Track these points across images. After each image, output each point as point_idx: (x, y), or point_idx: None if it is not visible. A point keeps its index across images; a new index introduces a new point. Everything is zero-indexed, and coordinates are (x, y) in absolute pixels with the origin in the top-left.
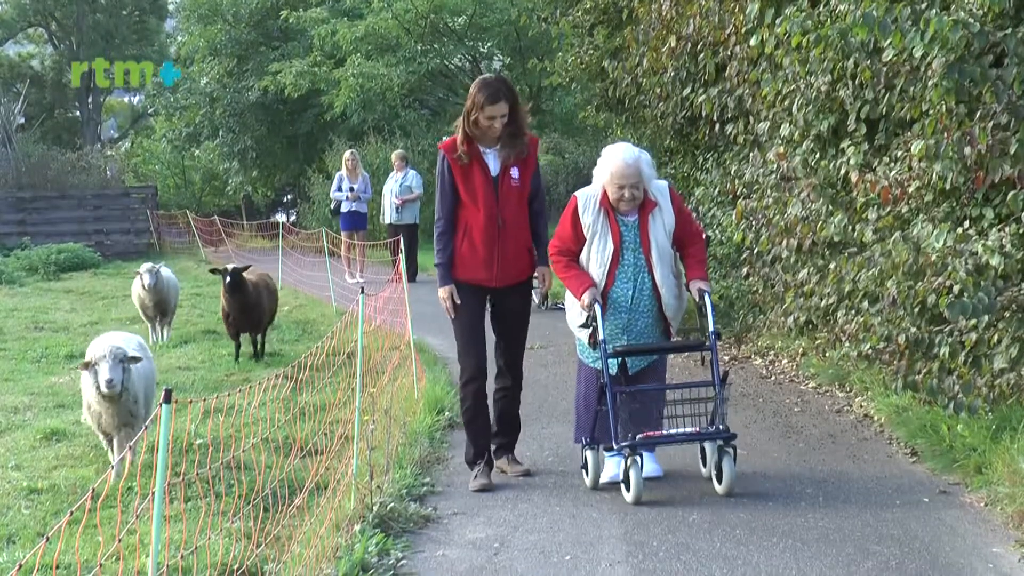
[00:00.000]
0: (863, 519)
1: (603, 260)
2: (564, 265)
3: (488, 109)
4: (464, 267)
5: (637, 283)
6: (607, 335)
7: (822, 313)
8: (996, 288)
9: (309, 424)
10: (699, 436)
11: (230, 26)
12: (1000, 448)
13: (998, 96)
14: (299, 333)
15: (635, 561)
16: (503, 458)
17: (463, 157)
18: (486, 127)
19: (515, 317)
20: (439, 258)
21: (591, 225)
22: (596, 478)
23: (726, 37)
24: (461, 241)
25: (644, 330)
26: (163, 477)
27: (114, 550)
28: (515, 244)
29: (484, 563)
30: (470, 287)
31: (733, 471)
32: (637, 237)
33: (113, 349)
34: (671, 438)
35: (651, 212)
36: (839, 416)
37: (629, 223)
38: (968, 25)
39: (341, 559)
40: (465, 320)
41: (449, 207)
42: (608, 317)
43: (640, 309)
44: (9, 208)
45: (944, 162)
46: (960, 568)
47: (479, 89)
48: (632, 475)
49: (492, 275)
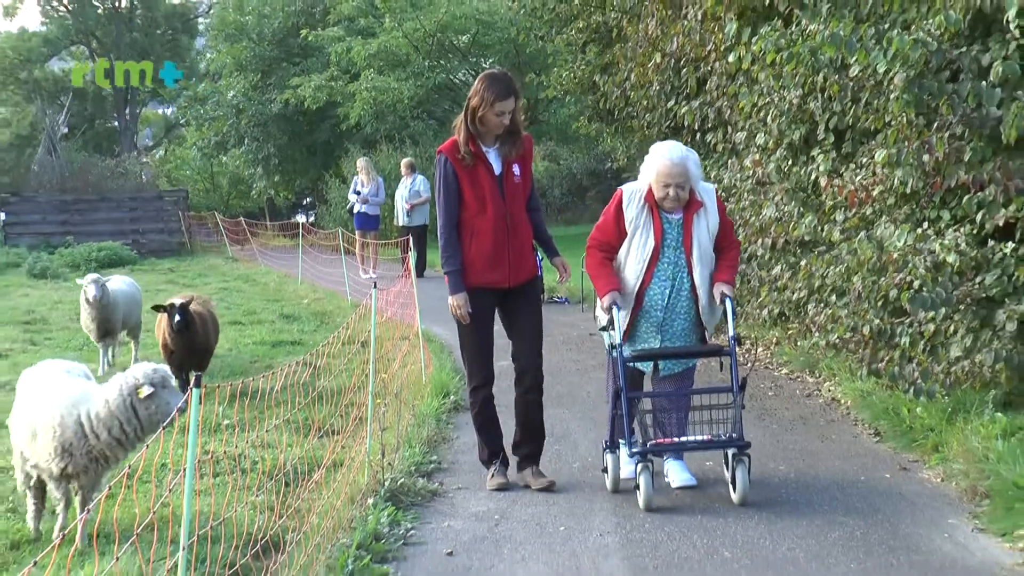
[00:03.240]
0: (831, 493)
1: (642, 256)
2: (598, 261)
3: (498, 105)
4: (475, 272)
5: (675, 283)
6: (640, 335)
7: (794, 306)
8: (952, 283)
9: (326, 407)
10: (712, 444)
11: (255, 44)
12: (955, 429)
13: (954, 108)
14: (317, 324)
15: (623, 532)
16: (527, 470)
17: (467, 157)
18: (494, 124)
19: (531, 314)
20: (449, 265)
21: (634, 220)
22: (616, 481)
23: (706, 54)
24: (469, 246)
25: (680, 332)
26: (193, 455)
27: (149, 520)
28: (522, 241)
29: (486, 533)
30: (481, 292)
31: (746, 481)
32: (680, 236)
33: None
34: (683, 445)
35: (696, 212)
36: (809, 400)
37: (673, 221)
38: (927, 44)
39: (356, 529)
40: (475, 327)
41: (453, 212)
42: (642, 316)
43: (677, 310)
44: (54, 210)
45: (905, 168)
46: (919, 538)
47: (487, 85)
48: (642, 481)
49: (505, 275)
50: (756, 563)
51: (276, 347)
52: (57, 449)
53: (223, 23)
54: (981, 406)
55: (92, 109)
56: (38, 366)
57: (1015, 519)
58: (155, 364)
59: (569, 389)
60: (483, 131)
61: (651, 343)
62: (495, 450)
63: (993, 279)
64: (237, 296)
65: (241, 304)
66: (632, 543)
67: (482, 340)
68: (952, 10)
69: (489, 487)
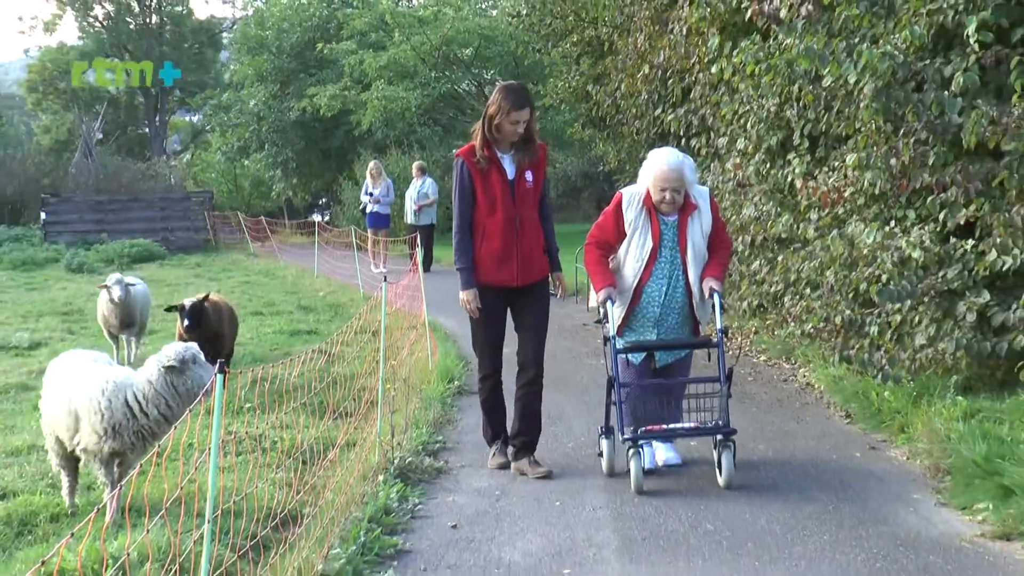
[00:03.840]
0: (805, 471)
1: (641, 256)
2: (595, 259)
3: (513, 114)
4: (485, 270)
5: (671, 280)
6: (638, 327)
7: (771, 298)
8: (917, 277)
9: (340, 391)
10: (699, 431)
11: (274, 57)
12: (920, 411)
13: (919, 116)
14: (332, 314)
15: (614, 507)
16: (524, 460)
17: (482, 161)
18: (509, 131)
19: (536, 315)
20: (461, 262)
21: (633, 221)
22: (611, 464)
23: (691, 66)
24: (480, 245)
25: (674, 326)
26: (218, 435)
27: (177, 496)
28: (531, 243)
29: (487, 508)
30: (491, 290)
31: (732, 465)
32: (676, 237)
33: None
34: (672, 432)
35: (691, 214)
36: (785, 384)
37: (669, 223)
38: (894, 57)
39: (368, 504)
40: (485, 322)
41: (466, 212)
42: (640, 311)
43: (672, 305)
44: (89, 209)
45: (874, 171)
46: (886, 512)
47: (504, 96)
48: (633, 465)
49: (513, 275)
50: (737, 535)
51: (294, 336)
52: (107, 431)
53: (245, 37)
54: (943, 390)
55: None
56: (63, 356)
57: (974, 494)
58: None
59: (563, 375)
60: (499, 138)
61: (648, 336)
62: (498, 431)
63: (955, 273)
64: (258, 289)
65: (262, 296)
66: (622, 517)
67: (491, 334)
68: (917, 26)
69: (490, 465)
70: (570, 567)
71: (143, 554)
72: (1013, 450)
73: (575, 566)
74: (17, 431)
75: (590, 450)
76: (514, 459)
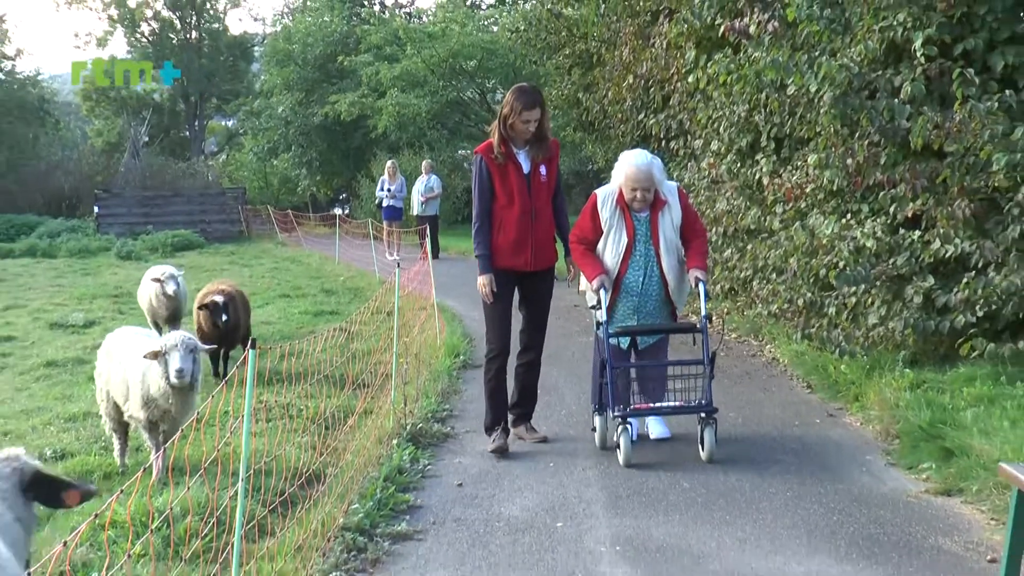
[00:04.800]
0: (771, 435)
1: (618, 251)
2: (581, 253)
3: (525, 114)
4: (501, 256)
5: (647, 271)
6: (620, 315)
7: (741, 282)
8: (870, 264)
9: (358, 365)
10: (683, 409)
11: (300, 68)
12: (872, 383)
13: (872, 121)
14: (351, 297)
15: (602, 468)
16: (521, 426)
17: (499, 157)
18: (522, 129)
19: (542, 299)
20: (480, 250)
21: (608, 219)
22: (604, 438)
23: (670, 76)
24: (497, 233)
25: (652, 311)
26: (250, 403)
27: (214, 457)
28: (544, 233)
29: (489, 468)
30: (505, 274)
31: (713, 441)
32: (648, 231)
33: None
34: (659, 410)
35: (661, 210)
36: (754, 359)
37: (641, 219)
38: (850, 68)
39: (383, 465)
40: (498, 304)
41: (486, 204)
42: (621, 299)
43: (649, 293)
44: (137, 204)
45: (832, 170)
46: (842, 471)
47: (517, 97)
48: (622, 440)
49: (527, 261)
50: (710, 491)
51: (318, 316)
52: (143, 399)
53: (274, 50)
54: (893, 364)
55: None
56: (118, 332)
57: (919, 456)
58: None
59: (556, 350)
60: (513, 135)
61: (629, 321)
62: (498, 417)
63: (903, 260)
64: (285, 274)
65: (289, 281)
66: (608, 476)
67: (502, 315)
68: (870, 41)
69: (489, 450)
70: (562, 520)
71: (184, 508)
72: (954, 417)
73: (567, 519)
74: (74, 400)
75: (580, 418)
76: (513, 425)
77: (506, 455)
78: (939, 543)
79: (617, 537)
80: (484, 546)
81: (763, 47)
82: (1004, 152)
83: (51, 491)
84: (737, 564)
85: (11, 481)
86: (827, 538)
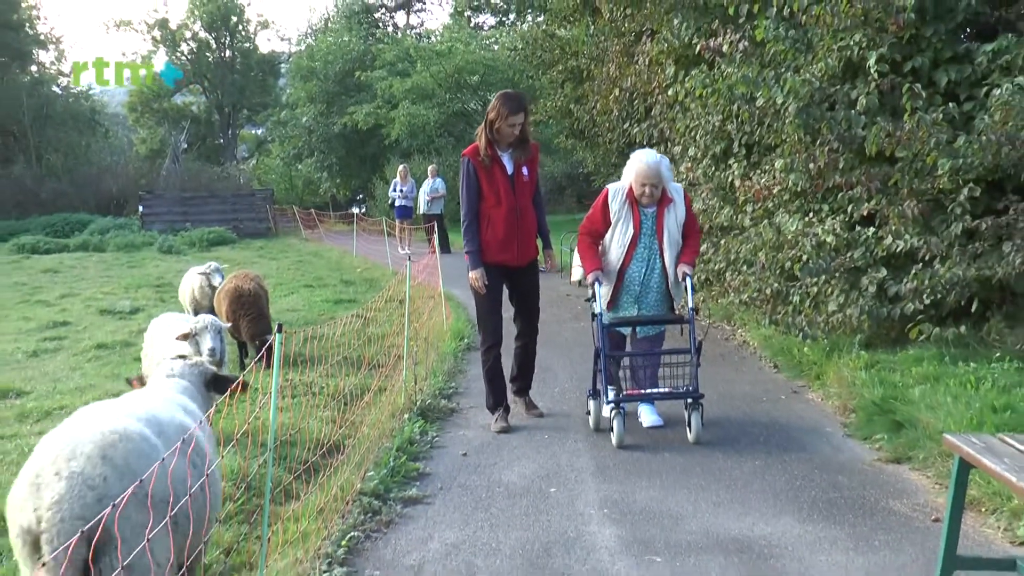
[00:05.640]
0: (742, 410)
1: (623, 242)
2: (586, 245)
3: (511, 118)
4: (490, 252)
5: (650, 263)
6: (622, 304)
7: (716, 274)
8: (830, 257)
9: (374, 347)
10: (672, 395)
11: (321, 82)
12: (831, 363)
13: (831, 130)
14: (367, 287)
15: (591, 440)
16: (521, 400)
17: (486, 159)
18: (507, 132)
19: (531, 288)
20: (469, 246)
21: (617, 212)
22: (598, 421)
23: (652, 89)
24: (486, 231)
25: (653, 303)
26: (277, 381)
27: (245, 429)
28: (528, 229)
29: (490, 440)
30: (495, 269)
31: (699, 424)
32: (654, 226)
33: (213, 321)
34: (649, 396)
35: (667, 206)
36: (727, 342)
37: (648, 214)
38: (812, 83)
39: (396, 436)
40: (489, 297)
41: (474, 203)
42: (623, 291)
43: (650, 285)
44: (176, 204)
45: (796, 173)
46: (805, 441)
47: (503, 102)
48: (616, 424)
49: (514, 256)
50: (688, 461)
51: (337, 304)
52: None
53: (298, 67)
54: (850, 346)
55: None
56: (160, 317)
57: (873, 428)
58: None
59: (551, 335)
60: (499, 138)
61: (630, 311)
62: (499, 400)
63: (859, 254)
64: (308, 267)
65: (311, 272)
66: (597, 448)
67: (492, 308)
68: (830, 58)
69: (494, 430)
70: (555, 486)
71: None
72: (903, 393)
73: (559, 485)
74: (122, 379)
75: (572, 395)
76: (515, 395)
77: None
78: (890, 505)
79: (604, 500)
80: (486, 509)
81: (735, 64)
82: (948, 158)
83: (222, 385)
84: (711, 524)
85: (199, 379)
86: (791, 501)
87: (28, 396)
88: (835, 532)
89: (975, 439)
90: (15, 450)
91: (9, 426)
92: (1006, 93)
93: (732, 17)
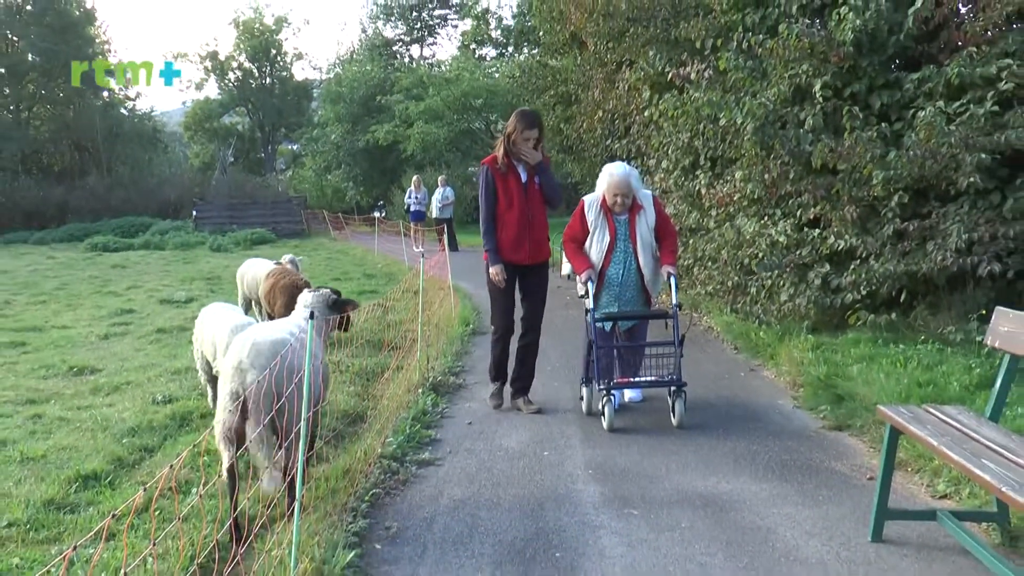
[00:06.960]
0: (706, 385)
1: (601, 248)
2: (572, 250)
3: (526, 132)
4: (504, 252)
5: (626, 265)
6: (604, 302)
7: (685, 269)
8: (782, 255)
9: (392, 332)
10: (657, 383)
11: (348, 105)
12: (783, 345)
13: (783, 146)
14: (387, 280)
15: (580, 413)
16: (520, 399)
17: (503, 168)
18: (523, 145)
19: (539, 289)
20: (488, 245)
21: (593, 221)
22: (589, 407)
23: (631, 111)
24: (501, 232)
25: (631, 299)
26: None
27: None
28: (539, 232)
29: (492, 411)
30: (508, 267)
31: (683, 410)
32: (627, 231)
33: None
34: (636, 384)
35: (638, 213)
36: (695, 328)
37: (621, 221)
38: (766, 106)
39: (411, 408)
40: (503, 291)
41: (491, 207)
42: (604, 290)
43: (628, 284)
44: (224, 209)
45: (753, 183)
46: (761, 412)
47: (520, 118)
48: (607, 409)
49: (525, 256)
50: (662, 430)
51: (361, 294)
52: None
53: (328, 91)
54: (799, 331)
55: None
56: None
57: (818, 400)
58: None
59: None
60: (515, 151)
61: (611, 308)
62: (501, 374)
63: (807, 252)
64: (337, 263)
65: (339, 267)
66: (584, 419)
67: (507, 301)
68: (781, 85)
69: (491, 404)
70: (548, 450)
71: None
72: (844, 371)
73: (552, 449)
74: (178, 358)
75: (563, 373)
76: (512, 398)
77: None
78: (832, 466)
79: (590, 463)
80: (488, 470)
81: (701, 89)
82: (881, 170)
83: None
84: (681, 483)
85: (324, 303)
86: (749, 463)
87: (100, 373)
88: (786, 489)
89: (904, 409)
90: (90, 419)
91: (84, 398)
92: (929, 115)
93: (699, 50)
